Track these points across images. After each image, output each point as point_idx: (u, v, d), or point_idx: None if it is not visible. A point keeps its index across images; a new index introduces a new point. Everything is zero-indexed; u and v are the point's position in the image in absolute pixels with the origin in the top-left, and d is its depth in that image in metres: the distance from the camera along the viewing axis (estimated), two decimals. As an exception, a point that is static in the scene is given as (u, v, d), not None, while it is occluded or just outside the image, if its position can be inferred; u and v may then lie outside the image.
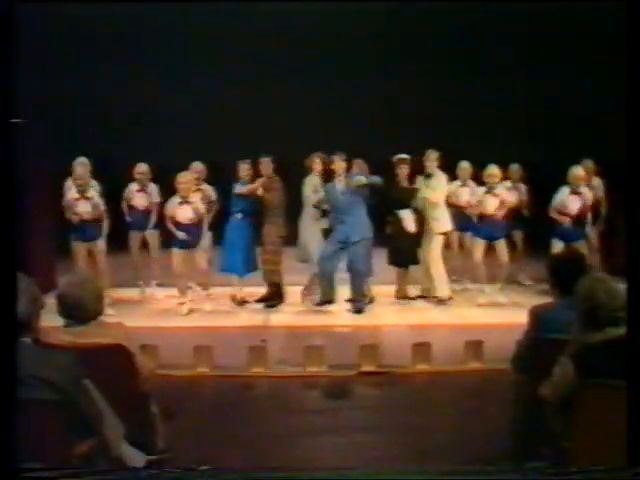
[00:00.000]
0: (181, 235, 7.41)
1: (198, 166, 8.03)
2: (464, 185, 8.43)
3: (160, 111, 10.56)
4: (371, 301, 7.78)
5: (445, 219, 7.78)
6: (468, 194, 8.28)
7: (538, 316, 3.60)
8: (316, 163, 7.75)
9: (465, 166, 8.45)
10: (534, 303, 3.76)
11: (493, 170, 7.80)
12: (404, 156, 7.77)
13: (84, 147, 8.22)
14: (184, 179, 7.47)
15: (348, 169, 7.44)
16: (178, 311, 7.51)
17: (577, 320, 3.07)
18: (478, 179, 8.16)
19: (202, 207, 7.59)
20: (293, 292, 7.94)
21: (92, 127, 10.18)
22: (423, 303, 7.87)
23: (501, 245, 7.87)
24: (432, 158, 7.72)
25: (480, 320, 7.22)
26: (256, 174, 7.72)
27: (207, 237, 7.82)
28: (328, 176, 7.59)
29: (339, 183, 7.40)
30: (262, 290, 7.88)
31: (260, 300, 7.89)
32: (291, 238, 7.81)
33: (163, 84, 10.52)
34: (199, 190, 7.77)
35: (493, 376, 5.19)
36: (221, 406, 5.07)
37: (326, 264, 7.40)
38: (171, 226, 7.49)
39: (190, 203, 7.48)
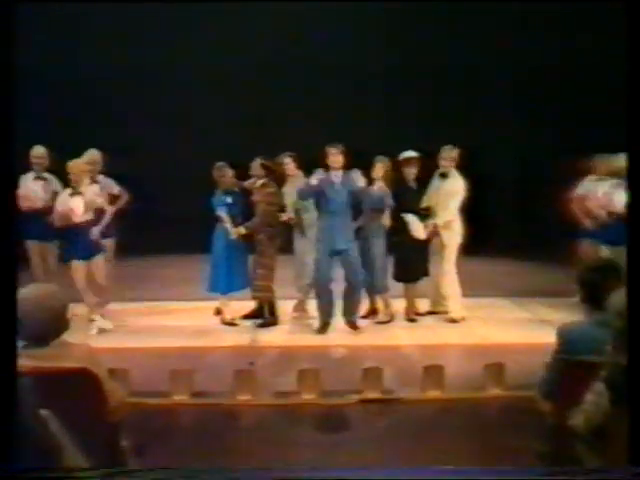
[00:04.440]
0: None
1: (94, 154, 7.72)
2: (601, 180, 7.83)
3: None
4: (391, 319, 7.80)
5: (458, 231, 7.79)
6: (601, 191, 7.80)
7: (567, 335, 3.58)
8: (287, 164, 7.77)
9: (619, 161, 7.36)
10: (563, 319, 3.75)
11: (620, 162, 7.19)
12: (412, 154, 7.77)
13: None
14: (76, 166, 7.28)
15: (346, 165, 7.42)
16: (87, 331, 7.29)
17: (612, 340, 3.05)
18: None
19: (99, 202, 7.47)
20: (287, 307, 7.97)
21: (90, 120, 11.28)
22: (434, 320, 7.89)
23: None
24: (448, 156, 7.71)
25: (501, 339, 7.22)
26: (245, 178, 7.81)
27: (110, 242, 7.76)
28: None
29: (336, 179, 7.38)
30: (252, 305, 7.90)
31: (248, 316, 7.89)
32: (287, 248, 7.86)
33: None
34: (94, 182, 7.55)
35: (516, 404, 5.17)
36: (202, 439, 5.04)
37: (322, 281, 7.38)
38: (62, 223, 7.17)
39: (82, 195, 7.29)
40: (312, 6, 11.44)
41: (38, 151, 7.74)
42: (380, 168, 7.65)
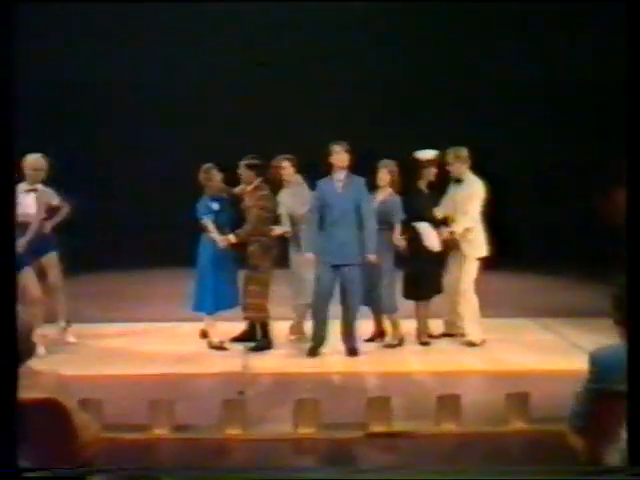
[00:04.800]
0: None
1: (38, 160, 7.61)
2: None
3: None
4: (400, 343, 7.81)
5: (481, 240, 7.81)
6: None
7: (600, 362, 3.56)
8: (284, 169, 7.79)
9: None
10: (596, 343, 3.74)
11: None
12: (429, 154, 7.77)
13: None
14: (33, 163, 7.48)
15: (351, 164, 7.44)
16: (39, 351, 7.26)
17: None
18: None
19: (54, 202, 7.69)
20: (282, 329, 7.99)
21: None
22: (449, 343, 7.90)
23: None
24: (457, 157, 7.72)
25: (525, 365, 7.21)
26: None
27: (52, 258, 7.79)
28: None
29: (338, 182, 7.38)
30: (242, 326, 7.92)
31: (238, 339, 7.89)
32: (282, 261, 7.88)
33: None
34: (33, 190, 7.59)
35: (543, 439, 5.17)
36: (185, 478, 5.01)
37: (321, 298, 7.38)
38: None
39: (36, 192, 7.50)
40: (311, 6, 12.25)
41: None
42: (385, 174, 7.65)
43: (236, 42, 12.65)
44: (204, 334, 7.94)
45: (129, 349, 7.86)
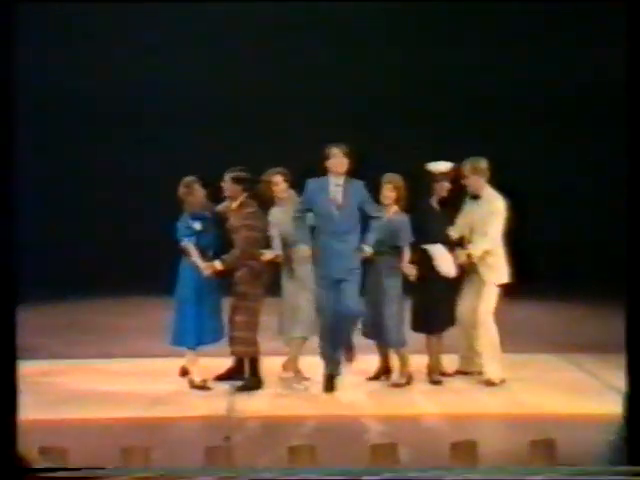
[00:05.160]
0: None
1: None
2: None
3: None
4: (409, 382, 7.79)
5: (501, 264, 7.80)
6: None
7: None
8: (277, 184, 7.78)
9: None
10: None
11: None
12: (444, 166, 7.79)
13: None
14: None
15: (350, 170, 7.44)
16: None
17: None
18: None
19: None
20: (273, 365, 7.92)
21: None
22: (464, 382, 7.89)
23: None
24: (473, 169, 7.71)
25: (551, 408, 7.19)
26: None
27: None
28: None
29: (336, 188, 7.36)
30: (228, 362, 7.90)
31: (224, 377, 7.88)
32: (273, 287, 7.86)
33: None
34: None
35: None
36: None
37: (326, 316, 7.40)
38: None
39: None
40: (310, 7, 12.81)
41: None
42: (390, 190, 7.64)
43: (224, 50, 13.09)
44: (184, 372, 7.90)
45: (98, 389, 7.81)
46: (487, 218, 7.70)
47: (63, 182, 12.60)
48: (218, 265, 7.57)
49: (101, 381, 8.06)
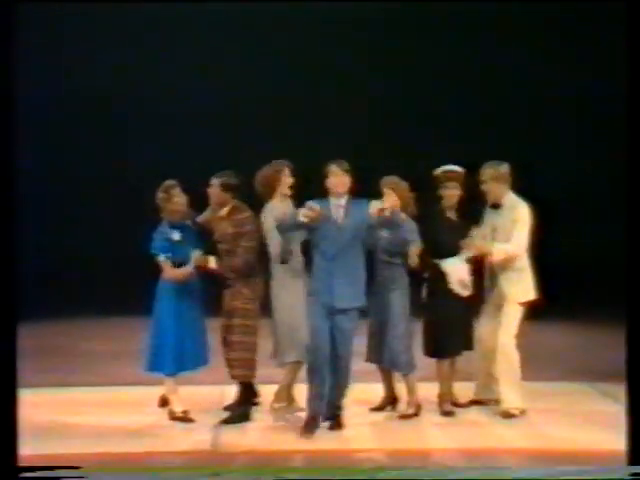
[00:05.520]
0: None
1: None
2: None
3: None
4: (417, 412, 7.81)
5: (527, 278, 7.81)
6: None
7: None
8: (283, 177, 7.83)
9: None
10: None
11: None
12: (454, 169, 7.84)
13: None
14: None
15: (353, 189, 7.45)
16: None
17: None
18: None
19: None
20: (263, 395, 7.99)
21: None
22: (481, 413, 7.92)
23: None
24: (493, 175, 7.74)
25: (579, 444, 7.17)
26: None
27: None
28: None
29: (338, 209, 7.38)
30: (211, 391, 7.87)
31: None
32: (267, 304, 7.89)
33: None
34: None
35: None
36: None
37: (320, 353, 7.34)
38: None
39: None
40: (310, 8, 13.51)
41: None
42: (390, 194, 7.65)
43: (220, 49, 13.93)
44: (164, 402, 7.91)
45: (68, 421, 7.79)
46: (511, 228, 7.68)
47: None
48: (212, 262, 7.56)
49: (69, 412, 8.05)
